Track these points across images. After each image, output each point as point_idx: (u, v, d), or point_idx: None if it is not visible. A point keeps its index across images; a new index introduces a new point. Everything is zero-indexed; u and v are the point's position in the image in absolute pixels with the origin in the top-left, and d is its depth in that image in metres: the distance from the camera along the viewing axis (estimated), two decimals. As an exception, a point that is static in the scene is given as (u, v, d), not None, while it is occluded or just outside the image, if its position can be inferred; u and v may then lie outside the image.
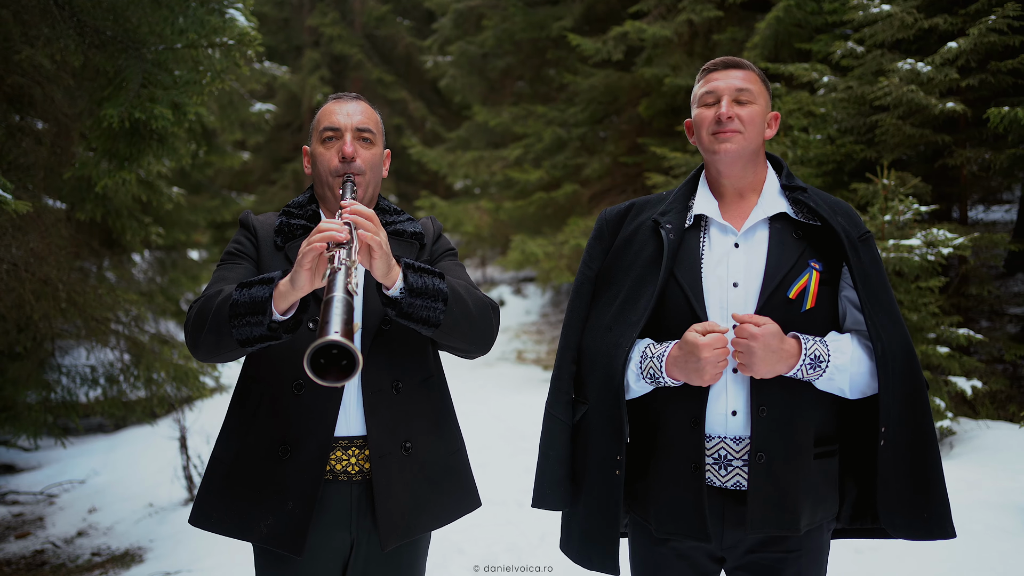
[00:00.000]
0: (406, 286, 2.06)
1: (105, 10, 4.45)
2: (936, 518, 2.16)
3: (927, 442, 2.17)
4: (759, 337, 2.04)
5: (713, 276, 2.18)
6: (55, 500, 6.75)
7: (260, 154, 19.60)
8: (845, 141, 7.18)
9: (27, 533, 5.90)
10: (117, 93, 4.13)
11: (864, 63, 7.00)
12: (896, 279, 5.93)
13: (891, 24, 6.75)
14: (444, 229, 13.44)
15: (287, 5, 19.34)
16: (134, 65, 4.21)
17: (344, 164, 2.29)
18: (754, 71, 2.26)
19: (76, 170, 4.34)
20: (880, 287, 2.18)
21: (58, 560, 5.31)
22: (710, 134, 2.20)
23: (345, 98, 2.39)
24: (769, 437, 2.11)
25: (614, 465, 2.18)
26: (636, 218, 2.34)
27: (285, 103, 18.52)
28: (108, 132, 4.20)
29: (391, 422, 2.24)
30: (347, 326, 1.74)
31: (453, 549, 4.69)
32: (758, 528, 2.12)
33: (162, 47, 4.33)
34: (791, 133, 7.21)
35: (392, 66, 18.76)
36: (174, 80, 4.26)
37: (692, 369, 2.08)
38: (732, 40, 9.06)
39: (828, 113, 7.29)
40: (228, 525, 2.24)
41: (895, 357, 2.12)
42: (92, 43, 4.27)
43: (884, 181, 6.06)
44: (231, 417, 2.33)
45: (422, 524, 2.29)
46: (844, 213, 2.25)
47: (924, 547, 4.23)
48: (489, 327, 2.27)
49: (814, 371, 2.11)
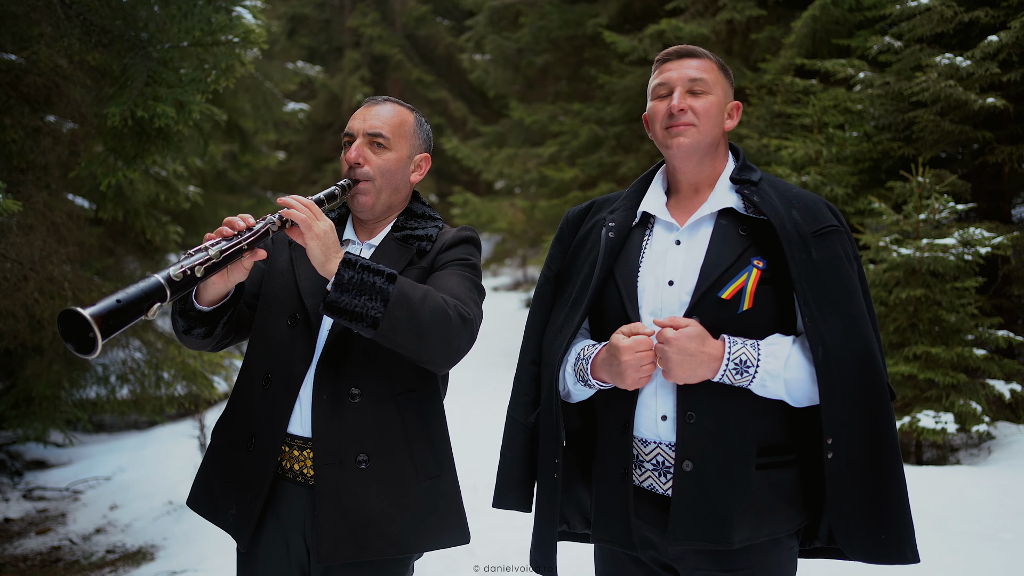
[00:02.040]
0: (335, 280, 1.99)
1: (114, 9, 4.44)
2: (894, 540, 1.96)
3: (886, 456, 1.96)
4: (672, 341, 1.92)
5: (650, 275, 2.06)
6: (80, 496, 6.81)
7: (301, 154, 19.77)
8: (882, 138, 6.95)
9: (47, 529, 5.94)
10: (121, 91, 4.11)
11: (902, 58, 6.77)
12: (931, 279, 5.71)
13: (930, 18, 6.51)
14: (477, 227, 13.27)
15: (328, 6, 19.46)
16: (139, 63, 4.18)
17: (351, 170, 2.24)
18: (710, 59, 2.12)
19: (83, 168, 4.33)
20: (837, 286, 1.98)
21: (72, 557, 5.33)
22: (663, 128, 2.07)
23: (372, 102, 2.34)
24: (697, 444, 1.96)
25: (552, 468, 2.11)
26: (592, 217, 2.23)
27: (326, 103, 18.64)
28: (113, 130, 4.18)
29: (341, 430, 2.13)
30: (120, 305, 1.72)
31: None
32: (682, 539, 1.97)
33: (168, 45, 4.30)
34: (826, 130, 6.99)
35: (432, 66, 18.77)
36: (179, 78, 4.23)
37: (616, 372, 1.98)
38: (770, 38, 8.84)
39: (865, 110, 7.07)
40: (208, 510, 2.29)
41: (843, 362, 1.93)
42: (98, 42, 4.26)
43: (919, 179, 5.83)
44: (227, 407, 2.36)
45: (375, 547, 2.13)
46: (803, 207, 2.05)
47: (953, 556, 4.05)
48: (446, 337, 2.07)
49: (741, 376, 1.95)
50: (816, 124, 7.01)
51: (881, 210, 6.00)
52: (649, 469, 2.04)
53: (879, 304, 5.86)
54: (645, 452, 2.05)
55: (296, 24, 19.72)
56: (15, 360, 6.14)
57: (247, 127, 10.67)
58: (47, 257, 4.26)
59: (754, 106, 8.26)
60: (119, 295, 1.73)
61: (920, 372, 5.59)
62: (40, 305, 4.21)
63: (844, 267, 2.02)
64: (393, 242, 2.29)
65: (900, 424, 5.45)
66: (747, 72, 8.83)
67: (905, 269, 5.71)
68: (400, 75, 18.29)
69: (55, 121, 5.42)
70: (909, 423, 5.47)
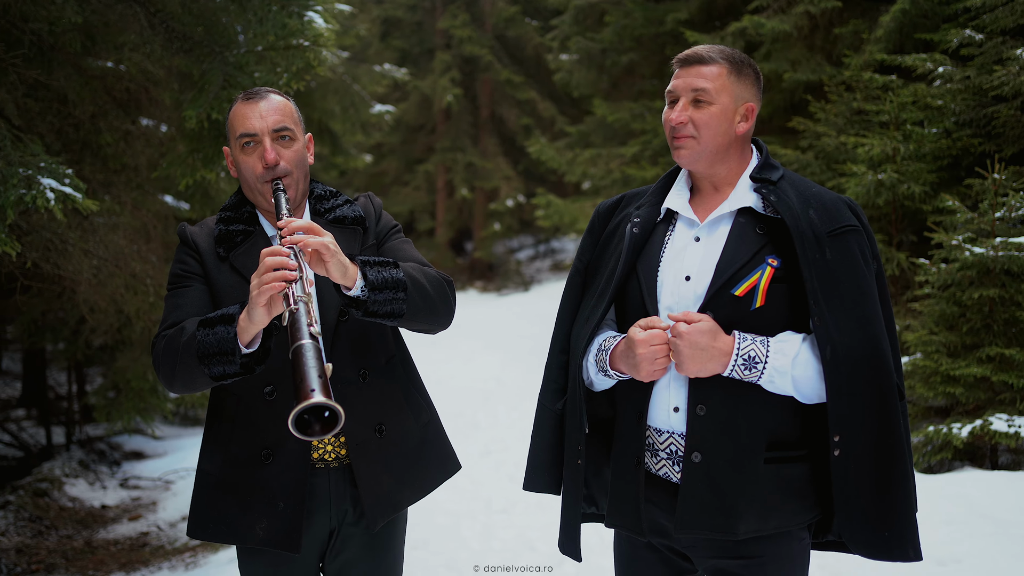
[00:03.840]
0: (366, 284, 2.08)
1: (195, 16, 4.73)
2: (897, 538, 2.03)
3: (893, 454, 2.03)
4: (684, 335, 2.00)
5: (669, 270, 2.15)
6: (171, 486, 7.20)
7: (393, 156, 20.17)
8: (962, 134, 6.76)
9: (138, 516, 6.33)
10: (199, 95, 4.38)
11: (984, 52, 6.58)
12: (1006, 278, 5.55)
13: (1013, 9, 6.32)
14: (560, 227, 13.33)
15: (419, 9, 19.82)
16: (216, 68, 4.44)
17: (269, 170, 2.24)
18: (718, 63, 2.13)
19: (164, 169, 4.62)
20: (850, 285, 2.04)
21: (158, 542, 5.69)
22: (669, 137, 2.16)
23: (255, 97, 2.30)
24: (706, 437, 2.05)
25: (576, 455, 2.22)
26: (622, 211, 2.32)
27: (417, 105, 18.99)
28: (191, 133, 4.46)
29: (363, 410, 2.31)
30: (322, 379, 1.79)
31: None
32: (688, 528, 2.07)
33: (243, 50, 4.56)
34: (904, 127, 6.85)
35: (521, 66, 18.92)
36: (253, 82, 4.47)
37: (631, 364, 2.08)
38: (854, 33, 8.67)
39: (945, 105, 6.89)
40: (224, 533, 2.31)
41: (851, 361, 1.99)
42: (179, 48, 4.54)
43: (995, 175, 5.68)
44: (210, 430, 2.38)
45: (406, 498, 2.38)
46: (821, 206, 2.10)
47: (1020, 563, 3.99)
48: (447, 303, 2.32)
49: (749, 372, 2.03)
50: (893, 121, 6.88)
51: (955, 208, 5.87)
52: (664, 458, 2.14)
53: (952, 304, 5.73)
54: (660, 441, 2.14)
55: (389, 27, 20.15)
56: (107, 353, 6.55)
57: (336, 129, 11.02)
58: (130, 254, 4.56)
59: (833, 103, 8.13)
60: (313, 377, 1.79)
61: (994, 374, 5.44)
62: (126, 300, 4.51)
63: (859, 267, 2.07)
64: (330, 227, 2.33)
65: (972, 427, 5.33)
66: (827, 68, 8.68)
67: (979, 268, 5.57)
68: (489, 76, 18.51)
69: (146, 124, 5.77)
70: (981, 426, 5.33)
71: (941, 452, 5.51)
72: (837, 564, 4.07)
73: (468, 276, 19.32)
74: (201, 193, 5.99)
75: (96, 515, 6.29)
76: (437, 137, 19.27)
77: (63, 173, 3.53)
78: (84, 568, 5.09)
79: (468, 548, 4.74)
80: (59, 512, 6.17)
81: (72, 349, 6.97)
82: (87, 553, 5.40)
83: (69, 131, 5.45)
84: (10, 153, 3.51)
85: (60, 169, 3.56)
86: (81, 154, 5.68)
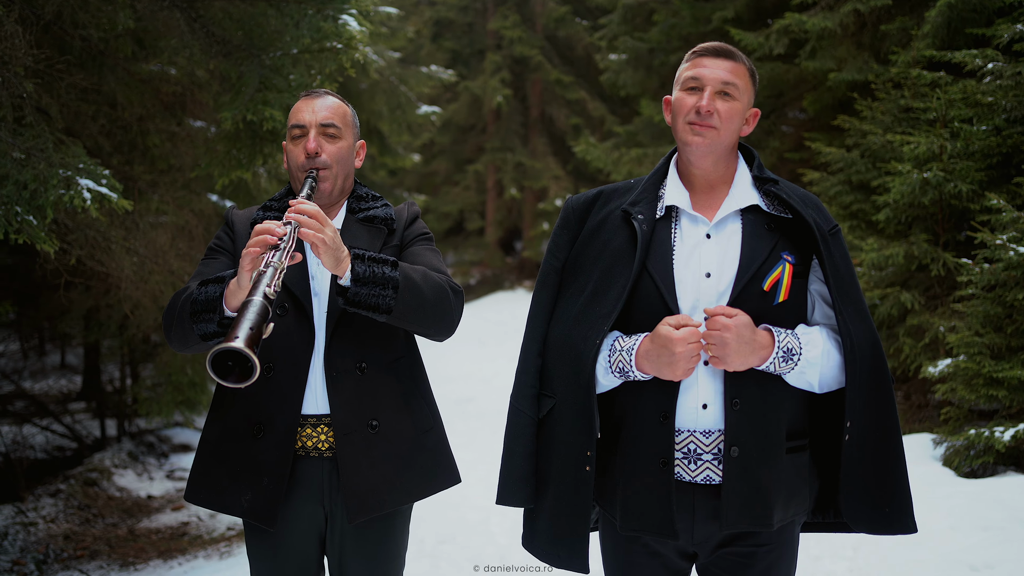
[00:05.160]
0: (353, 276, 2.17)
1: (235, 21, 4.85)
2: (897, 512, 2.13)
3: (890, 436, 2.12)
4: (732, 328, 2.01)
5: (685, 268, 2.14)
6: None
7: (444, 156, 20.33)
8: (1012, 132, 6.61)
9: (181, 506, 6.52)
10: (236, 97, 4.49)
11: (1035, 46, 6.42)
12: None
13: (1065, 3, 6.16)
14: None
15: (471, 10, 19.94)
16: (253, 71, 4.56)
17: (309, 160, 2.40)
18: (744, 64, 2.18)
19: (202, 169, 4.75)
20: (849, 281, 2.13)
21: (197, 532, 5.86)
22: (686, 122, 2.15)
23: (313, 95, 2.50)
24: (743, 431, 2.07)
25: (584, 461, 2.13)
26: (604, 207, 2.28)
27: (468, 106, 19.11)
28: (227, 134, 4.58)
29: (356, 401, 2.36)
30: (253, 331, 1.88)
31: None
32: (733, 523, 2.08)
33: (279, 53, 4.66)
34: (951, 125, 6.71)
35: (572, 67, 18.92)
36: (288, 84, 4.57)
37: (665, 363, 2.03)
38: (901, 29, 8.52)
39: (996, 102, 6.74)
40: (214, 501, 2.43)
41: (863, 351, 2.08)
42: (219, 52, 4.67)
43: (1041, 174, 5.55)
44: (215, 401, 2.50)
45: (392, 500, 2.39)
46: (814, 206, 2.19)
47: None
48: (447, 311, 2.34)
49: (786, 364, 2.07)
50: (941, 118, 6.75)
51: (1000, 207, 5.74)
52: (679, 458, 2.12)
53: (996, 304, 5.61)
54: (678, 441, 2.12)
55: (440, 28, 20.32)
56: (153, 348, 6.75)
57: (384, 129, 11.17)
58: (170, 251, 4.70)
59: (880, 101, 8.00)
60: (245, 328, 1.89)
61: (1039, 377, 5.32)
62: (165, 296, 4.65)
63: (851, 264, 2.18)
64: (358, 224, 2.46)
65: (1015, 431, 5.21)
66: (874, 65, 8.54)
67: (1024, 269, 5.46)
68: (539, 76, 18.55)
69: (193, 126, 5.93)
70: (1024, 430, 5.23)
71: (983, 456, 5.40)
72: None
73: (517, 275, 19.37)
74: (244, 192, 6.14)
75: (142, 505, 6.49)
76: (487, 137, 19.36)
77: (100, 174, 3.67)
78: (125, 555, 5.27)
79: (495, 543, 4.78)
80: (107, 501, 6.38)
81: (120, 344, 7.20)
82: (129, 541, 5.59)
83: (118, 133, 5.63)
84: (51, 155, 3.65)
85: (98, 170, 3.70)
86: (131, 155, 5.87)
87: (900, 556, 4.31)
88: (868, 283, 7.01)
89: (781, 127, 10.90)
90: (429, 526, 5.04)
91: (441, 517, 5.18)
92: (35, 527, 5.62)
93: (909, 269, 6.78)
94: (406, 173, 18.78)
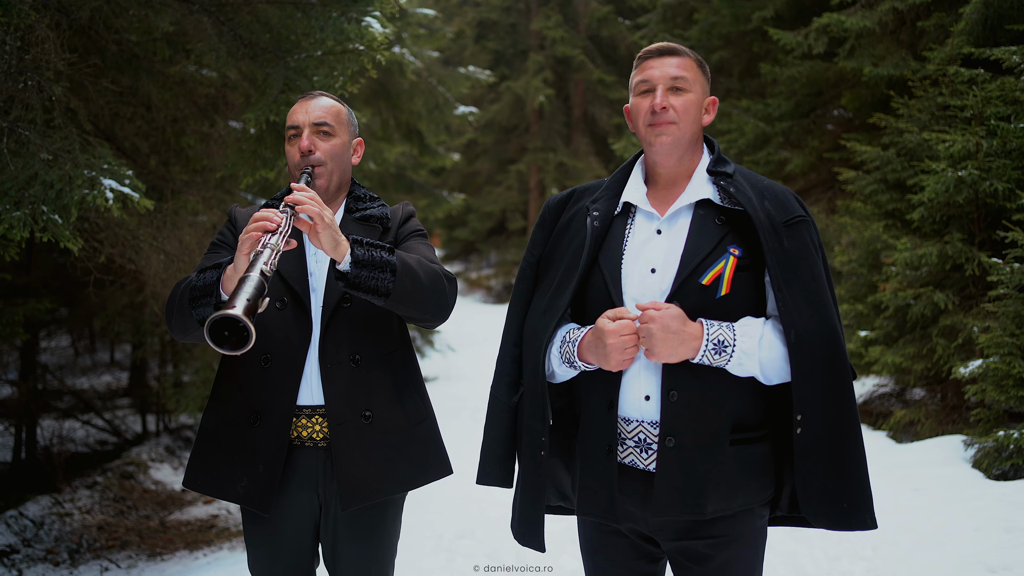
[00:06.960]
0: (353, 259, 2.25)
1: (263, 24, 4.96)
2: (855, 508, 2.12)
3: (848, 431, 2.11)
4: (657, 320, 2.06)
5: (634, 263, 2.20)
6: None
7: (486, 156, 20.43)
8: (1051, 129, 6.47)
9: (212, 500, 6.66)
10: (260, 98, 4.60)
11: (1074, 42, 6.29)
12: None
13: (1104, -3, 6.02)
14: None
15: (514, 11, 20.01)
16: (278, 72, 4.65)
17: (304, 158, 2.50)
18: (690, 56, 2.23)
19: (227, 169, 4.86)
20: (806, 273, 2.12)
21: (225, 525, 5.99)
22: (646, 125, 2.21)
23: (308, 97, 2.60)
24: (678, 421, 2.11)
25: (540, 446, 2.25)
26: (574, 205, 2.37)
27: (510, 106, 19.19)
28: (252, 135, 4.68)
29: (350, 393, 2.44)
30: (251, 303, 1.96)
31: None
32: (662, 511, 2.13)
33: (303, 55, 4.76)
34: (988, 122, 6.59)
35: (614, 66, 18.91)
36: (311, 85, 4.67)
37: (601, 354, 2.12)
38: (938, 26, 8.39)
39: (1034, 99, 6.60)
40: (212, 487, 2.51)
41: (811, 343, 2.07)
42: (245, 54, 4.78)
43: (1075, 172, 5.43)
44: (215, 389, 2.60)
45: (385, 489, 2.46)
46: (774, 197, 2.19)
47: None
48: (441, 296, 2.42)
49: (719, 356, 2.09)
50: (977, 116, 6.63)
51: (1033, 206, 5.64)
52: (631, 446, 2.19)
53: (1027, 305, 5.52)
54: (628, 430, 2.20)
55: (484, 29, 20.42)
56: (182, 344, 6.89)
57: (423, 129, 11.29)
58: (195, 250, 4.83)
59: (918, 98, 7.88)
60: (243, 299, 1.98)
61: (1072, 377, 5.22)
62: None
63: (812, 255, 2.16)
64: (355, 223, 2.56)
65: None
66: (911, 63, 8.42)
67: (1057, 268, 5.35)
68: (582, 76, 18.56)
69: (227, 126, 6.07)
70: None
71: (1013, 458, 5.31)
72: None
73: (559, 275, 19.38)
74: (269, 191, 6.26)
75: (175, 498, 6.65)
76: (529, 137, 19.43)
77: (123, 174, 3.78)
78: (154, 546, 5.42)
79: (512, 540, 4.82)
80: (142, 494, 6.55)
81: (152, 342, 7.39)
82: (160, 532, 5.74)
83: (154, 135, 5.78)
84: (78, 156, 3.77)
85: (122, 171, 3.81)
86: (166, 155, 6.03)
87: (919, 557, 4.26)
88: (902, 283, 6.92)
89: (826, 126, 10.78)
90: (447, 521, 5.11)
91: (461, 512, 5.24)
92: (70, 517, 5.80)
93: (943, 269, 6.68)
94: (449, 173, 18.93)
